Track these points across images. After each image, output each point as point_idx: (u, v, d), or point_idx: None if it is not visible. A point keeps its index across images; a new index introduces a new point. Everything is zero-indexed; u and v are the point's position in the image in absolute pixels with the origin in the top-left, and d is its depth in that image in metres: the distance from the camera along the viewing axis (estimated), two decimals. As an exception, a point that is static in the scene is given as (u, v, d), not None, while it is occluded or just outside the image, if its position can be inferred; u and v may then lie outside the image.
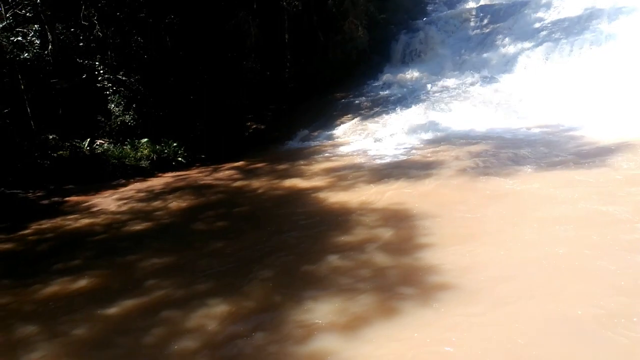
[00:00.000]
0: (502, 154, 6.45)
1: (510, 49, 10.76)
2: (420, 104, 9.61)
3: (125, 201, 6.72)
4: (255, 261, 4.41)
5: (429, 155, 7.09)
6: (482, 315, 3.15)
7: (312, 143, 9.06)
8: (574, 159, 5.81)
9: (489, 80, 10.39)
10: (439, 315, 3.19)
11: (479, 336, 2.94)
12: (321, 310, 3.41)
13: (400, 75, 11.64)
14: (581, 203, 4.59)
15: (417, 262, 3.98)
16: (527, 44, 10.57)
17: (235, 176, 7.50)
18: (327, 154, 8.07)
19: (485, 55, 11.00)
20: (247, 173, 7.51)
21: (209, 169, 8.18)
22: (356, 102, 10.72)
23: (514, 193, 5.14)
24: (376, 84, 11.61)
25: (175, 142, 8.87)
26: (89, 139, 9.00)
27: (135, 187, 7.46)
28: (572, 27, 10.35)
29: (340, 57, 11.93)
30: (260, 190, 6.59)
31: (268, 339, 3.17)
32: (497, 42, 11.14)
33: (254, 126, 10.36)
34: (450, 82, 10.64)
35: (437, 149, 7.30)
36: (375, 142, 8.24)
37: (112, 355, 3.21)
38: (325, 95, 10.96)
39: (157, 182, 7.74)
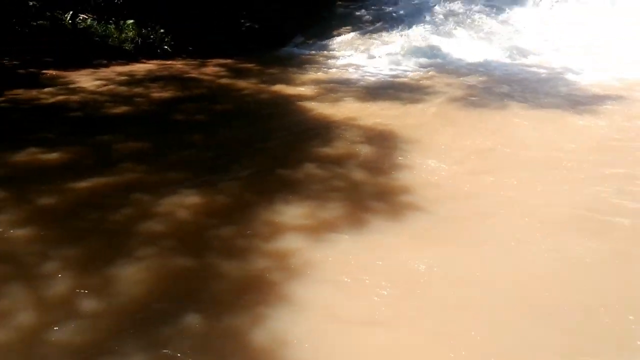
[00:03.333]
0: (497, 88, 6.33)
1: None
2: (424, 25, 9.24)
3: (104, 82, 6.46)
4: (232, 159, 4.40)
5: (423, 79, 6.92)
6: (447, 239, 3.25)
7: (306, 51, 8.70)
8: (568, 103, 5.76)
9: (497, 10, 9.93)
10: (405, 233, 3.28)
11: (445, 256, 3.04)
12: (291, 213, 3.46)
13: (407, -8, 11.09)
14: (563, 147, 4.61)
15: (391, 182, 4.02)
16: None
17: (222, 73, 7.22)
18: (319, 64, 7.80)
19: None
20: (235, 72, 7.24)
21: (195, 62, 7.84)
22: (357, 13, 10.25)
23: (501, 128, 5.12)
24: (381, -4, 11.07)
25: (162, 29, 8.41)
26: (71, 12, 8.40)
27: (116, 70, 7.15)
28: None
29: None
30: (245, 91, 6.39)
31: (236, 233, 3.22)
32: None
33: (248, 24, 9.87)
34: (456, 6, 10.16)
35: (433, 74, 7.11)
36: (370, 58, 7.95)
37: (76, 226, 3.24)
38: (325, 2, 10.43)
39: (139, 68, 7.43)
